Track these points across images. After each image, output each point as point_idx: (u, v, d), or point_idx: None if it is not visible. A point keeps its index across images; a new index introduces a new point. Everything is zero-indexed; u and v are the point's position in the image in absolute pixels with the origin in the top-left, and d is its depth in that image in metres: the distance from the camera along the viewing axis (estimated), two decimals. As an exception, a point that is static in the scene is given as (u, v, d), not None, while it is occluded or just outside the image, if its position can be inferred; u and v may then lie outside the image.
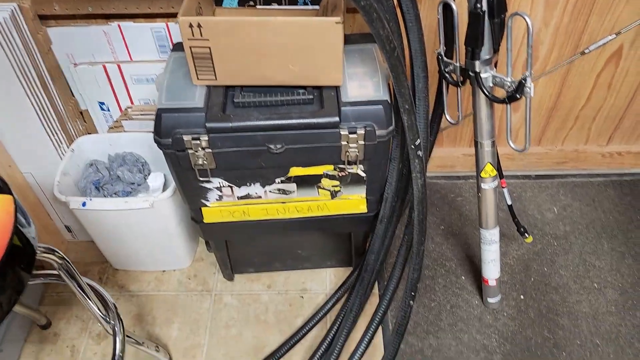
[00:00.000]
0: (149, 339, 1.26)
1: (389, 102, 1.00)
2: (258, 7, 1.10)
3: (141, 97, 1.29)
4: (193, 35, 0.93)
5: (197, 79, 0.99)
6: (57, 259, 0.86)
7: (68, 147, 1.29)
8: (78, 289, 0.93)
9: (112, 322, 1.04)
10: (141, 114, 1.30)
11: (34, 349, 1.31)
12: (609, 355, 1.27)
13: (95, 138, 1.33)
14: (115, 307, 1.06)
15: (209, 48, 0.94)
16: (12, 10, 1.08)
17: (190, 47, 0.94)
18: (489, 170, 1.13)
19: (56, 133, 1.25)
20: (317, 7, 1.10)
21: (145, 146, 1.33)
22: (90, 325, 1.36)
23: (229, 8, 1.10)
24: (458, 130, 1.58)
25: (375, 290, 1.41)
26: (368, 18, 0.81)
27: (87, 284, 1.00)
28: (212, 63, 0.97)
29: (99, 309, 1.02)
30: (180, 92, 1.00)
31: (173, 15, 1.16)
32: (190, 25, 0.91)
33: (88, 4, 1.12)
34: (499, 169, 1.19)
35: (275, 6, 1.10)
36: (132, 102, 1.30)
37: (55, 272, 1.07)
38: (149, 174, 1.35)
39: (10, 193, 0.75)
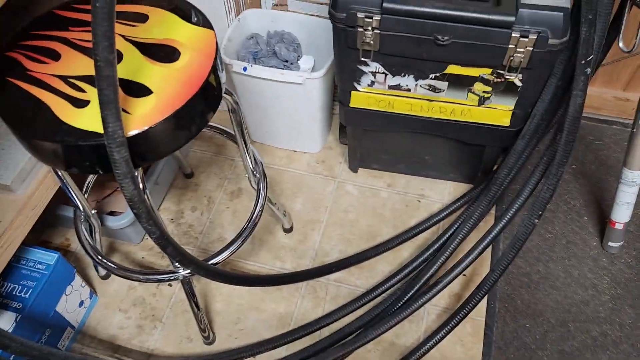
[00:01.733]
0: (276, 206, 1.39)
1: (570, 10, 0.97)
2: None
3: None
4: None
5: (380, -41, 1.02)
6: (233, 102, 0.96)
7: (236, 17, 1.38)
8: (241, 137, 1.04)
9: (258, 176, 1.15)
10: (307, -4, 1.35)
11: (177, 193, 1.49)
12: None
13: (260, 12, 1.41)
14: (262, 164, 1.17)
15: None
16: None
17: None
18: (653, 106, 1.08)
19: (229, 1, 1.35)
20: None
21: (303, 28, 1.40)
22: (225, 183, 1.51)
23: None
24: (616, 69, 1.49)
25: (491, 211, 1.43)
26: None
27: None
28: (399, -56, 0.98)
29: (249, 162, 1.13)
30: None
31: None
32: None
33: None
34: (663, 107, 1.12)
35: None
36: (299, -18, 1.36)
37: (220, 126, 1.20)
38: (301, 56, 1.42)
39: (212, 28, 0.84)
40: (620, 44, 1.13)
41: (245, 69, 1.28)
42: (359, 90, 1.19)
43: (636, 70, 1.48)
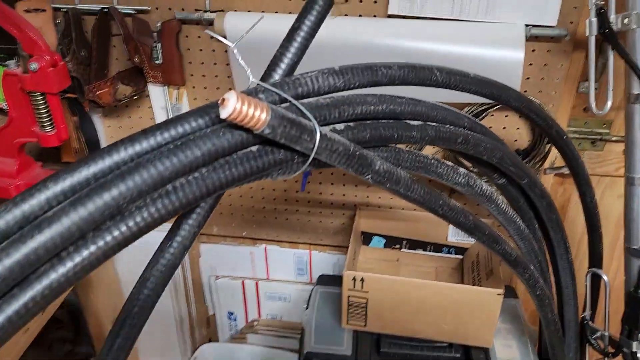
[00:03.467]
0: None
1: (539, 370, 0.97)
2: (403, 250, 1.16)
3: (270, 311, 1.33)
4: (354, 287, 0.97)
5: (347, 323, 1.02)
6: None
7: (191, 355, 1.31)
8: None
9: None
10: (267, 329, 1.32)
11: None
12: None
13: (218, 347, 1.35)
14: None
15: (366, 299, 0.98)
16: (178, 231, 1.19)
17: (348, 296, 0.98)
18: None
19: (185, 341, 1.29)
20: (460, 256, 1.15)
21: (263, 360, 1.34)
22: None
23: (375, 248, 1.16)
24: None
25: None
26: (540, 304, 0.82)
27: None
28: (366, 312, 0.99)
29: None
30: (328, 335, 1.02)
31: (317, 245, 1.23)
32: (354, 279, 0.96)
33: (244, 229, 1.22)
34: None
35: (419, 251, 1.15)
36: (259, 316, 1.34)
37: None
38: (263, 390, 1.33)
39: None
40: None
41: None
42: None
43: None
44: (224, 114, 0.43)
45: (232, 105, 0.43)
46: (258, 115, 0.43)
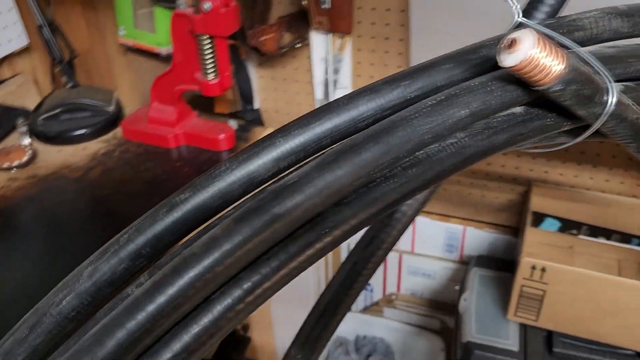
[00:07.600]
0: None
1: None
2: (580, 236, 1.00)
3: (410, 287, 1.24)
4: (530, 277, 0.84)
5: (514, 315, 0.90)
6: None
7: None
8: None
9: None
10: (406, 305, 1.24)
11: None
12: None
13: (352, 317, 1.29)
14: None
15: (544, 292, 0.85)
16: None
17: (521, 286, 0.86)
18: None
19: (320, 305, 1.24)
20: (654, 252, 0.97)
21: (399, 336, 1.26)
22: None
23: (546, 232, 1.01)
24: None
25: None
26: None
27: None
28: (540, 305, 0.87)
29: None
30: (491, 325, 0.90)
31: (474, 221, 1.10)
32: (533, 267, 0.83)
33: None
34: None
35: (601, 240, 0.99)
36: (398, 290, 1.25)
37: None
38: (395, 367, 1.26)
39: None
40: None
41: (338, 395, 1.12)
42: None
43: None
44: (509, 60, 0.31)
45: (526, 51, 0.31)
46: (551, 65, 0.32)
